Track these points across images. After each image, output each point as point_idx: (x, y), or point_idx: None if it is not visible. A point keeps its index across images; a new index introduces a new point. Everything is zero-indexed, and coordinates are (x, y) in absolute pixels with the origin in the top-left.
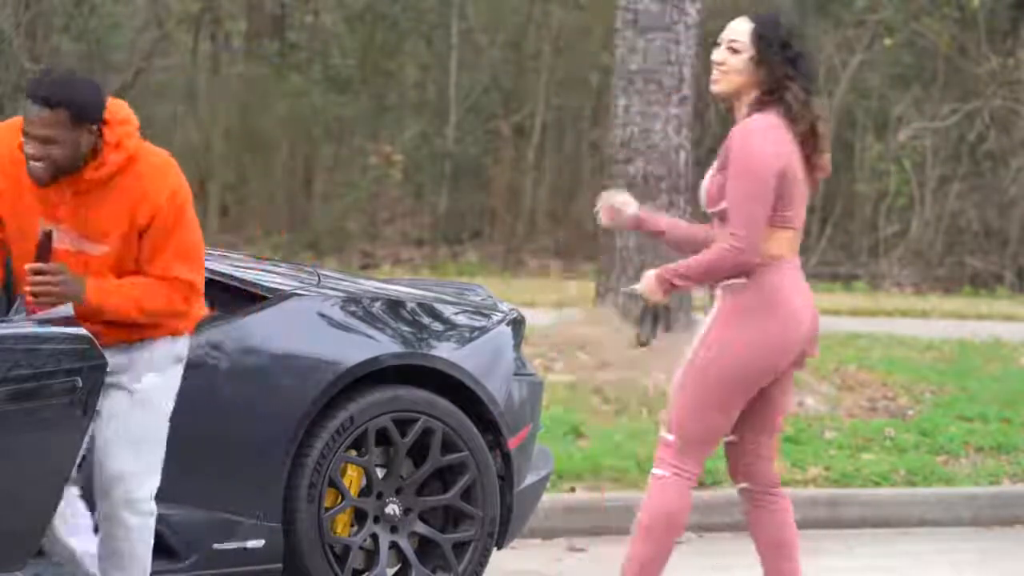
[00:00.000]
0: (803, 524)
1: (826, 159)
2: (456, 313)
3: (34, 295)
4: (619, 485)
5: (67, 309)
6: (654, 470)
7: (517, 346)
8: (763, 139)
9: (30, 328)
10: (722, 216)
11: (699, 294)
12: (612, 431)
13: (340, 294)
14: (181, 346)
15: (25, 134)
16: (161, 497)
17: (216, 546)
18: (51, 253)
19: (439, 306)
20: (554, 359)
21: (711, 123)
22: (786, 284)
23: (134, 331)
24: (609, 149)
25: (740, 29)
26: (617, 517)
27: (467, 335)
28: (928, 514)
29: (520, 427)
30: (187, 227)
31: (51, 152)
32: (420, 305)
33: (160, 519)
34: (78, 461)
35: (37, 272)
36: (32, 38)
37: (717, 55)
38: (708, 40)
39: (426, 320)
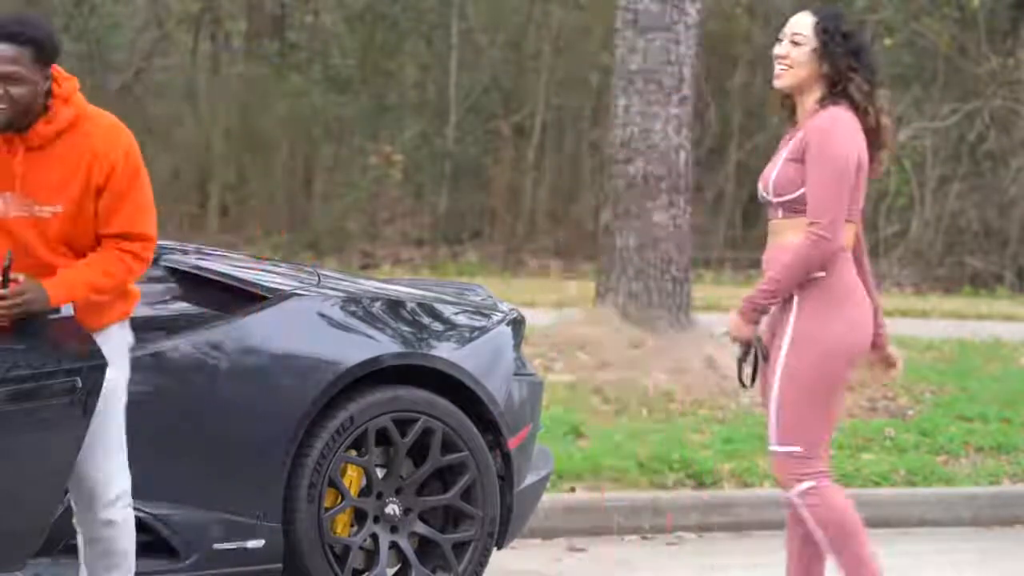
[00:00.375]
0: None
1: (882, 156)
2: (456, 313)
3: None
4: (619, 485)
5: (68, 309)
6: (797, 488)
7: (517, 346)
8: (845, 131)
9: (28, 327)
10: (790, 206)
11: (699, 294)
12: (612, 431)
13: (340, 294)
14: (128, 331)
15: None
16: (161, 497)
17: (216, 546)
18: (9, 280)
19: (439, 306)
20: (554, 359)
21: (711, 123)
22: (855, 275)
23: (95, 317)
24: (609, 149)
25: (802, 22)
26: (617, 517)
27: (467, 335)
28: (928, 514)
29: (520, 427)
30: (143, 186)
31: (12, 91)
32: (420, 305)
33: (160, 519)
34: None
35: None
36: None
37: (780, 49)
38: (708, 40)
39: (426, 320)
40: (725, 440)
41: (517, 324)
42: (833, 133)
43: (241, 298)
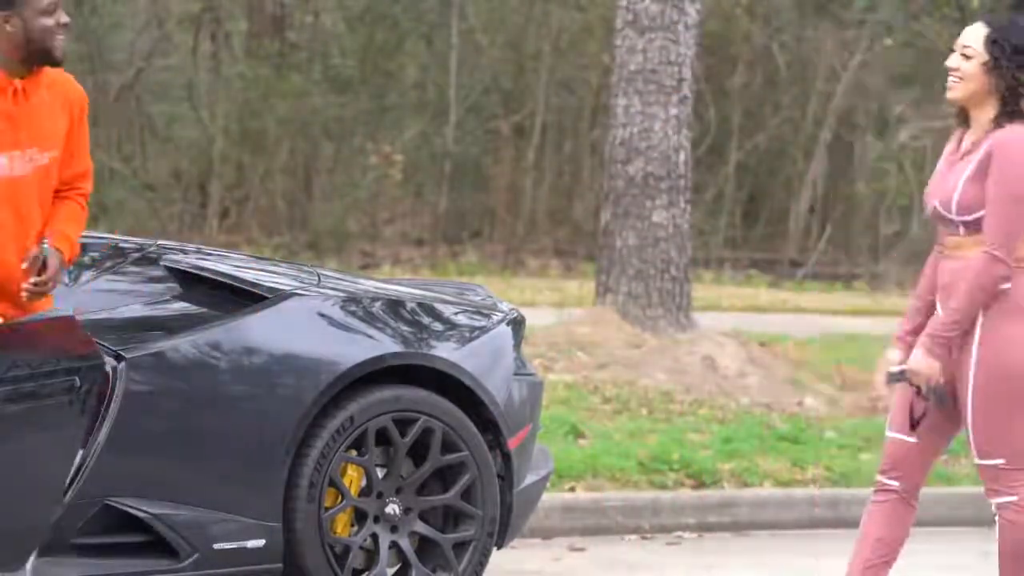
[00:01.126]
0: (802, 524)
1: None
2: (456, 313)
3: (31, 300)
4: (619, 485)
5: (67, 310)
6: (997, 499)
7: (517, 346)
8: None
9: (30, 328)
10: (974, 224)
11: (699, 294)
12: (612, 431)
13: (340, 294)
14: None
15: (55, 7)
16: (161, 497)
17: (216, 546)
18: (46, 262)
19: (439, 306)
20: (554, 359)
21: (711, 123)
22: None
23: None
24: (609, 149)
25: (974, 35)
26: (617, 517)
27: (467, 335)
28: (929, 514)
29: (520, 427)
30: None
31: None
32: (420, 305)
33: (160, 519)
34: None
35: (39, 285)
36: None
37: (951, 61)
38: (708, 40)
39: (426, 320)
40: (725, 440)
41: (517, 324)
42: (1016, 154)
43: (241, 298)
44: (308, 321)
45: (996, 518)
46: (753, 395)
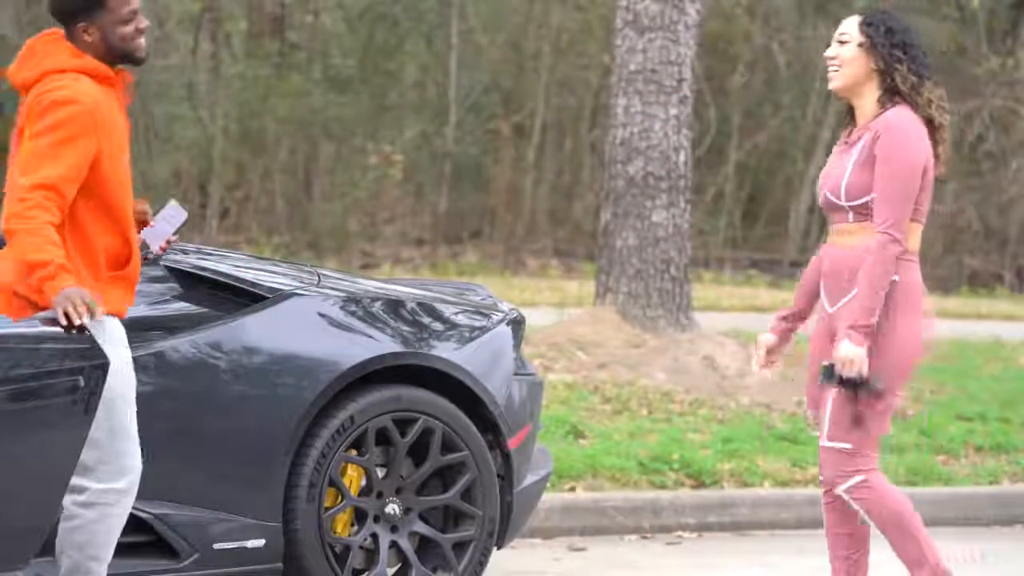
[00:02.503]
0: (802, 523)
1: (942, 150)
2: (456, 313)
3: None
4: (619, 485)
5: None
6: (845, 484)
7: (517, 346)
8: (913, 133)
9: (32, 328)
10: (862, 209)
11: (699, 294)
12: (612, 431)
13: (340, 294)
14: None
15: (135, 13)
16: (162, 497)
17: (216, 546)
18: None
19: (439, 306)
20: (554, 359)
21: (711, 123)
22: (920, 280)
23: None
24: (609, 149)
25: (848, 23)
26: (617, 517)
27: (467, 335)
28: (927, 514)
29: (520, 427)
30: None
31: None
32: (420, 305)
33: (160, 519)
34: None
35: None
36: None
37: (830, 51)
38: (708, 40)
39: (426, 320)
40: (725, 440)
41: (517, 324)
42: (901, 133)
43: (241, 298)
44: (308, 321)
45: (851, 503)
46: (753, 395)
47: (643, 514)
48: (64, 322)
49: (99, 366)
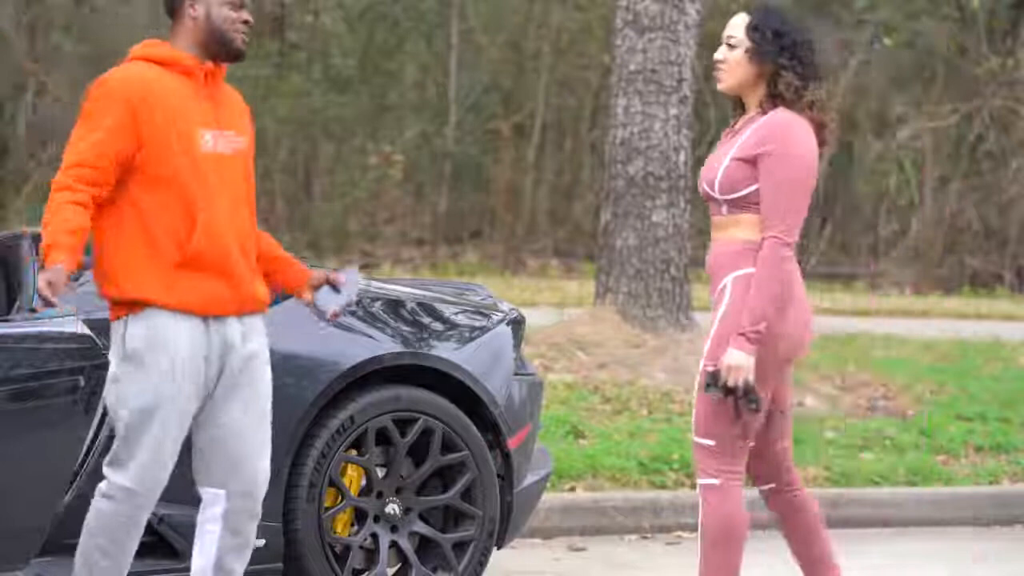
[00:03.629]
0: None
1: (823, 151)
2: (456, 313)
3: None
4: (619, 485)
5: (70, 310)
6: (706, 480)
7: (517, 346)
8: (801, 135)
9: (32, 328)
10: (735, 203)
11: (699, 294)
12: (612, 430)
13: None
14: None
15: (242, 4)
16: (163, 497)
17: None
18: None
19: (439, 306)
20: (554, 359)
21: (711, 123)
22: (797, 274)
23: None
24: (609, 149)
25: (736, 24)
26: (617, 517)
27: (467, 335)
28: (928, 514)
29: (520, 427)
30: None
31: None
32: (420, 305)
33: (161, 519)
34: (80, 460)
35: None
36: (33, 37)
37: (718, 53)
38: (708, 40)
39: (426, 320)
40: None
41: (517, 324)
42: (794, 138)
43: None
44: (308, 321)
45: (700, 499)
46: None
47: (643, 514)
48: (44, 304)
49: (99, 366)
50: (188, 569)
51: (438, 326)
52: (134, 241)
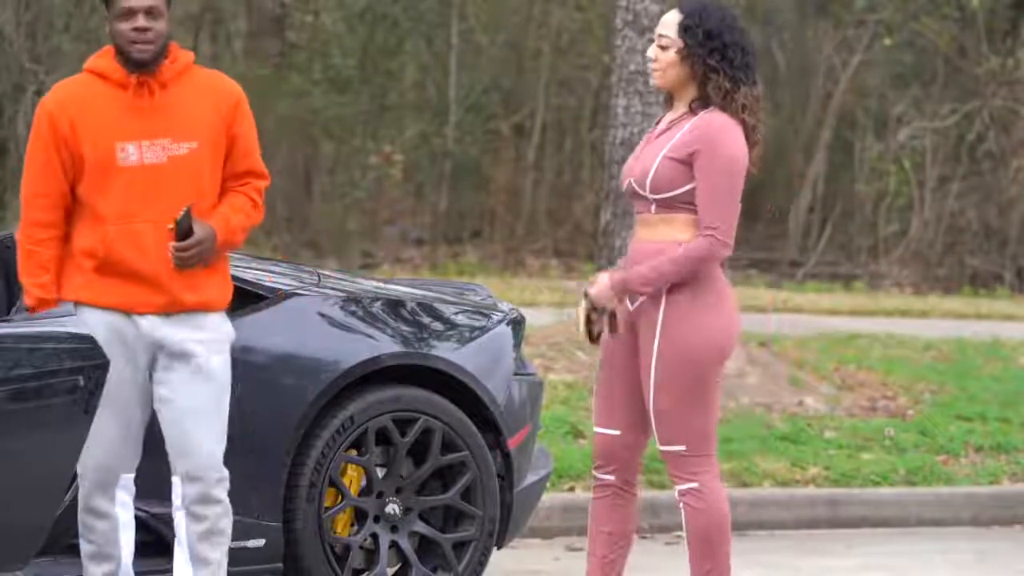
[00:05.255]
0: (802, 523)
1: (755, 152)
2: (456, 313)
3: (180, 268)
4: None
5: (70, 310)
6: (683, 486)
7: (517, 346)
8: (737, 140)
9: (32, 328)
10: (666, 202)
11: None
12: None
13: (340, 294)
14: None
15: (130, 12)
16: (164, 496)
17: None
18: (191, 229)
19: (439, 306)
20: (554, 359)
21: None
22: (723, 275)
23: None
24: (608, 149)
25: (668, 22)
26: None
27: (467, 335)
28: (928, 514)
29: (520, 427)
30: (254, 127)
31: (156, 26)
32: (420, 305)
33: (160, 519)
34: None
35: (181, 250)
36: (33, 38)
37: (649, 52)
38: None
39: (426, 320)
40: (724, 440)
41: (517, 324)
42: (727, 140)
43: (241, 297)
44: (308, 321)
45: (680, 505)
46: (753, 395)
47: (643, 514)
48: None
49: (99, 366)
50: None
51: (438, 326)
52: (68, 252)
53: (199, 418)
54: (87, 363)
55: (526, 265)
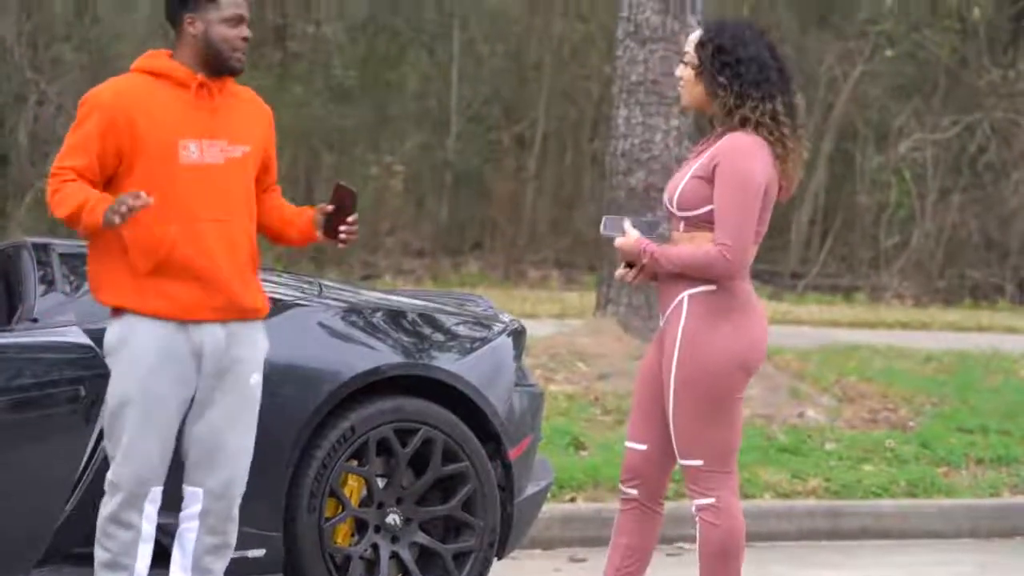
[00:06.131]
0: (803, 535)
1: (786, 168)
2: (457, 324)
3: (345, 243)
4: (619, 496)
5: (70, 320)
6: (696, 501)
7: (518, 357)
8: (753, 157)
9: (33, 337)
10: (692, 220)
11: None
12: (613, 441)
13: (341, 304)
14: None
15: (241, 20)
16: (165, 506)
17: None
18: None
19: (440, 317)
20: (555, 370)
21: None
22: (753, 290)
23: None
24: (610, 160)
25: (691, 40)
26: None
27: (468, 346)
28: (928, 525)
29: (521, 438)
30: None
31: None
32: (421, 316)
33: (163, 528)
34: (81, 469)
35: (355, 223)
36: (34, 47)
37: (677, 71)
38: None
39: (427, 331)
40: None
41: (518, 335)
42: (744, 161)
43: None
44: (309, 332)
45: (696, 519)
46: (754, 406)
47: None
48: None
49: (100, 376)
50: None
51: (439, 337)
52: (112, 250)
53: (236, 435)
54: (88, 373)
55: (527, 276)
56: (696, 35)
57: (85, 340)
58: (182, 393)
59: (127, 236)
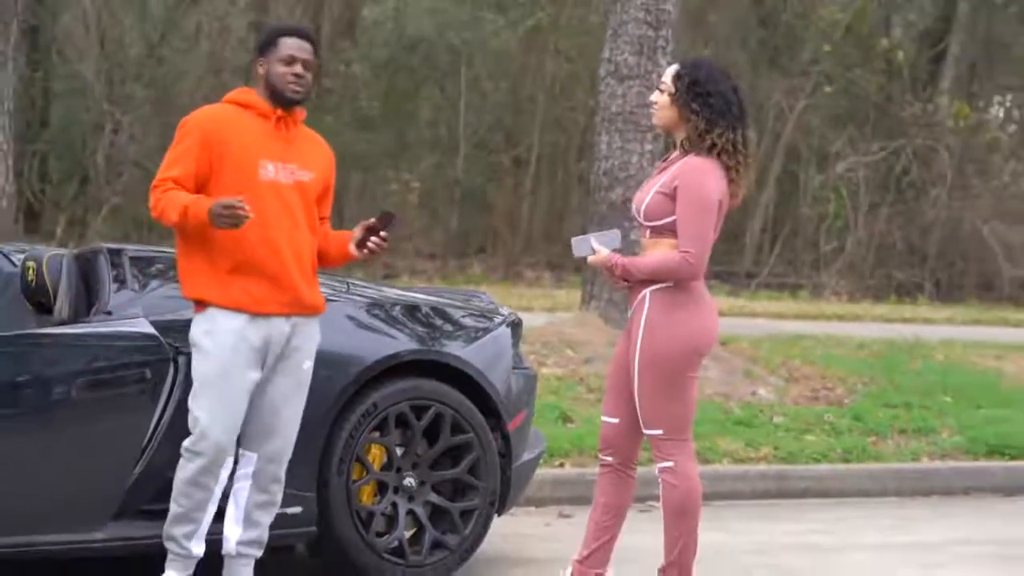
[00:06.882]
0: (756, 495)
1: (736, 187)
2: (464, 316)
3: (371, 252)
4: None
5: (138, 312)
6: (662, 464)
7: (515, 344)
8: (709, 176)
9: (108, 327)
10: (657, 229)
11: None
12: (595, 416)
13: (366, 300)
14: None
15: (292, 60)
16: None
17: None
18: (390, 227)
19: (449, 310)
20: (546, 355)
21: None
22: (705, 286)
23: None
24: (594, 178)
25: (669, 71)
26: None
27: (473, 335)
28: (860, 486)
29: (517, 412)
30: None
31: (307, 76)
32: (433, 309)
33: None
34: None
35: (386, 240)
36: (110, 84)
37: (652, 95)
38: None
39: (438, 322)
40: None
41: (515, 326)
42: (701, 180)
43: None
44: (339, 323)
45: (659, 480)
46: (713, 385)
47: None
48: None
49: (163, 360)
50: None
51: (449, 327)
52: (198, 250)
53: (289, 410)
54: (153, 358)
55: (523, 276)
56: (674, 68)
57: (151, 330)
58: (252, 376)
59: (215, 236)
